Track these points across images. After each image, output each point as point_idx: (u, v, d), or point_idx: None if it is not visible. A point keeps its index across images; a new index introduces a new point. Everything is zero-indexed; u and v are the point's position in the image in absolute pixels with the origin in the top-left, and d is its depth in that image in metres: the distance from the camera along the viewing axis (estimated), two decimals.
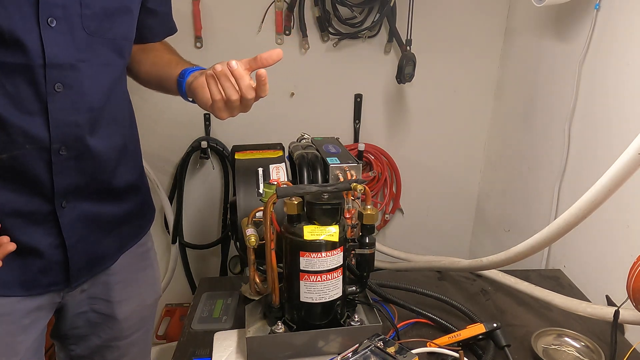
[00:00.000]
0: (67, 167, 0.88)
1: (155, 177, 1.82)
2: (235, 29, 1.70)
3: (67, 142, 0.86)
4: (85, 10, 0.84)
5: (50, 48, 0.80)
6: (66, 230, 0.91)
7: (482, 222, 2.01)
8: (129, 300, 1.10)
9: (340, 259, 0.94)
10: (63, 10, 0.81)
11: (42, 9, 0.78)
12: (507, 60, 1.79)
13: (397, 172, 1.92)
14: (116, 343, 1.11)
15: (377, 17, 1.68)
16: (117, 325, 1.09)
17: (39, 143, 0.83)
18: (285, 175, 1.11)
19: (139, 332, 1.15)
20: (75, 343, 1.10)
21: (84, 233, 0.95)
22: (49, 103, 0.82)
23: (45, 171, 0.86)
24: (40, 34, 0.79)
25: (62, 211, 0.90)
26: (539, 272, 1.37)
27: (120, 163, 0.98)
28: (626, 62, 1.18)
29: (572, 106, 1.36)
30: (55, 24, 0.80)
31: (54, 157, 0.85)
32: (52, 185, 0.87)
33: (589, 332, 1.09)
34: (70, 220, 0.92)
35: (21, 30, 0.77)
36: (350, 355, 0.91)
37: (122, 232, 1.05)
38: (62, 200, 0.89)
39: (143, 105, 1.75)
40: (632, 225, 1.15)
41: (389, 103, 1.85)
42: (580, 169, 1.36)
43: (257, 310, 1.05)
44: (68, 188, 0.89)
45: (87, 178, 0.92)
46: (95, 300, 1.05)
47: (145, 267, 1.14)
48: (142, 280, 1.13)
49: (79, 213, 0.93)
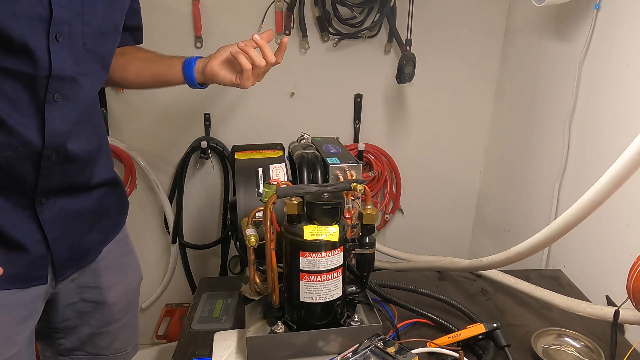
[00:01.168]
0: (53, 170, 0.92)
1: (155, 177, 1.82)
2: (235, 29, 1.70)
3: (58, 149, 0.91)
4: (86, 28, 0.90)
5: (57, 61, 0.85)
6: (47, 226, 0.95)
7: (482, 222, 2.01)
8: (117, 285, 1.14)
9: (340, 259, 0.94)
10: (68, 28, 0.87)
11: (53, 25, 0.84)
12: (507, 60, 1.79)
13: (397, 172, 1.92)
14: (107, 328, 1.15)
15: (377, 17, 1.68)
16: (107, 311, 1.13)
17: (32, 147, 0.87)
18: (285, 175, 1.11)
19: (127, 315, 1.19)
20: (65, 336, 1.12)
21: (66, 228, 0.98)
22: (46, 111, 0.87)
23: (32, 172, 0.90)
24: (49, 47, 0.84)
25: (41, 207, 0.93)
26: (539, 272, 1.38)
27: (97, 162, 1.03)
28: (626, 62, 1.18)
29: (572, 106, 1.36)
30: (62, 40, 0.85)
31: (43, 162, 0.90)
32: (35, 185, 0.91)
33: (589, 332, 1.09)
34: (50, 216, 0.95)
35: (32, 43, 0.82)
36: (350, 355, 0.91)
37: (102, 226, 1.09)
38: (41, 198, 0.93)
39: (143, 105, 1.76)
40: (632, 225, 1.15)
41: (389, 103, 1.85)
42: (580, 169, 1.36)
43: (257, 310, 1.05)
44: (50, 188, 0.94)
45: (69, 179, 0.96)
46: (84, 289, 1.08)
47: (127, 252, 1.19)
48: (126, 264, 1.18)
49: (59, 209, 0.97)
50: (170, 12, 1.65)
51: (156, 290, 2.00)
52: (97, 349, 1.16)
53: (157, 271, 1.99)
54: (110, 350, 1.18)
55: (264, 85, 1.78)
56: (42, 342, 1.15)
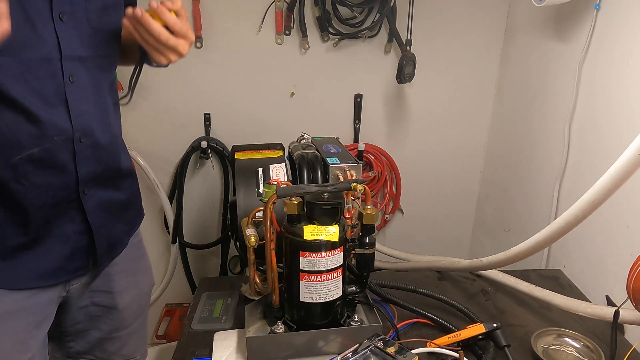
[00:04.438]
0: (86, 155, 0.92)
1: (155, 177, 1.82)
2: (235, 29, 1.70)
3: (85, 131, 0.90)
4: (89, 5, 0.88)
5: (64, 41, 0.85)
6: (90, 216, 0.96)
7: (482, 222, 2.01)
8: (129, 290, 1.13)
9: (340, 259, 0.94)
10: (71, 6, 0.85)
11: (55, 4, 0.83)
12: (507, 60, 1.79)
13: (397, 172, 1.92)
14: (117, 334, 1.14)
15: (377, 17, 1.68)
16: (118, 316, 1.12)
17: (65, 133, 0.88)
18: (285, 175, 1.11)
19: (137, 320, 1.18)
20: (75, 340, 1.12)
21: (103, 218, 0.99)
22: (67, 94, 0.86)
23: (71, 160, 0.90)
24: (55, 28, 0.83)
25: (85, 198, 0.94)
26: (539, 272, 1.38)
27: (120, 151, 1.03)
28: (626, 62, 1.18)
29: (572, 106, 1.36)
30: (66, 19, 0.85)
31: (76, 146, 0.90)
32: (76, 173, 0.91)
33: (589, 332, 1.09)
34: (91, 206, 0.96)
35: (39, 25, 0.81)
36: (350, 355, 0.91)
37: (128, 217, 1.09)
38: (84, 188, 0.94)
39: (143, 105, 1.76)
40: (632, 225, 1.15)
41: (389, 103, 1.86)
42: (580, 169, 1.36)
43: (257, 310, 1.05)
44: (88, 175, 0.94)
45: (102, 165, 0.97)
46: (96, 293, 1.07)
47: (140, 256, 1.18)
48: (139, 268, 1.17)
49: (97, 199, 0.97)
50: None
51: (156, 290, 2.00)
52: (107, 353, 1.15)
53: (157, 271, 1.98)
54: (119, 356, 1.17)
55: (264, 85, 1.81)
56: (52, 344, 1.14)
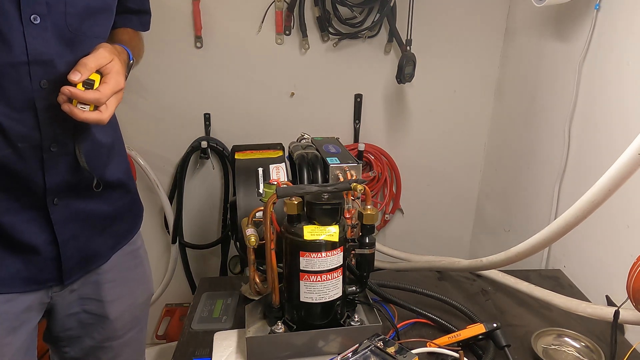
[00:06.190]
0: (57, 163, 0.89)
1: (155, 177, 1.82)
2: (235, 29, 1.70)
3: (57, 139, 0.87)
4: (69, 8, 0.84)
5: (33, 45, 0.80)
6: (58, 227, 0.93)
7: (482, 222, 2.01)
8: (121, 300, 1.10)
9: (340, 259, 0.94)
10: (47, 8, 0.81)
11: (23, 6, 0.79)
12: (507, 60, 1.79)
13: (397, 172, 1.92)
14: (110, 343, 1.11)
15: (377, 17, 1.68)
16: (109, 325, 1.09)
17: (30, 140, 0.84)
18: (285, 175, 1.11)
19: (132, 331, 1.14)
20: (68, 345, 1.10)
21: (77, 230, 0.96)
22: (36, 100, 0.82)
23: (37, 168, 0.87)
24: (24, 31, 0.79)
25: (53, 208, 0.91)
26: (539, 272, 1.38)
27: (107, 161, 1.00)
28: (626, 62, 1.18)
29: (572, 106, 1.36)
30: (40, 21, 0.80)
31: (45, 155, 0.86)
32: (44, 182, 0.88)
33: (589, 332, 1.09)
34: (61, 217, 0.93)
35: (4, 27, 0.77)
36: (350, 355, 0.91)
37: (114, 231, 1.05)
38: (53, 197, 0.91)
39: (143, 105, 1.76)
40: (632, 225, 1.15)
41: (389, 103, 1.85)
42: (580, 169, 1.36)
43: (257, 310, 1.05)
44: (59, 185, 0.91)
45: (78, 175, 0.93)
46: (86, 300, 1.05)
47: (135, 265, 1.14)
48: (133, 278, 1.13)
49: (72, 210, 0.94)
50: (170, 12, 1.65)
51: (156, 290, 2.00)
52: None
53: (157, 271, 1.99)
54: None
55: (264, 85, 1.81)
56: (51, 347, 1.13)
